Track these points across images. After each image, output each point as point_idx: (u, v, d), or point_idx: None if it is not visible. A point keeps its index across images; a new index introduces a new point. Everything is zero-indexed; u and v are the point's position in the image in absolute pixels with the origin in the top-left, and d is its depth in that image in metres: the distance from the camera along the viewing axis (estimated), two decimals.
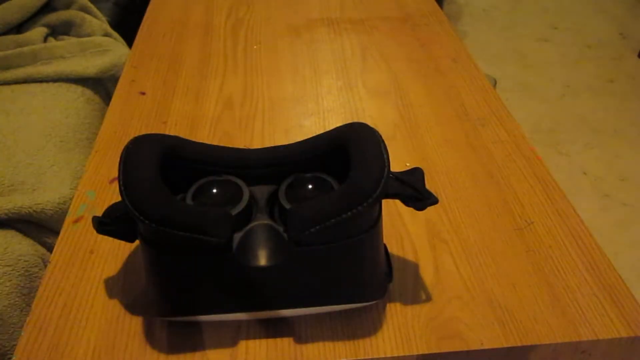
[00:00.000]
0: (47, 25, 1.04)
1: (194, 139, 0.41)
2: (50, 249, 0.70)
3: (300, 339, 0.39)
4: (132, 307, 0.42)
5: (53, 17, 1.05)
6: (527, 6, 2.52)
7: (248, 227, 0.36)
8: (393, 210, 0.51)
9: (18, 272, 0.63)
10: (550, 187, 0.54)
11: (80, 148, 0.85)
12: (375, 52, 0.77)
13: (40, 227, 0.71)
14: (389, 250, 0.45)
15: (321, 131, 0.41)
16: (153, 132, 0.62)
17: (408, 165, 0.56)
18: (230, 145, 0.59)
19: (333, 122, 0.63)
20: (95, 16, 1.10)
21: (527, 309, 0.41)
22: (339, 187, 0.37)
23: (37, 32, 1.01)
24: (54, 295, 0.43)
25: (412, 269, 0.45)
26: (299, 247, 0.35)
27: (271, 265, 0.35)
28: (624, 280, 0.44)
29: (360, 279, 0.38)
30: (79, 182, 0.55)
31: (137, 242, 0.48)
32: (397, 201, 0.51)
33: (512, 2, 2.56)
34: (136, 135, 0.41)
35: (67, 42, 1.00)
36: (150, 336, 0.40)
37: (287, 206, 0.37)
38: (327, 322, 0.40)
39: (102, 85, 1.01)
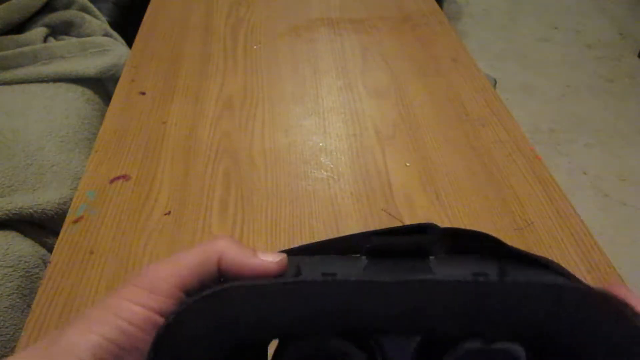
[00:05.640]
0: (47, 25, 1.04)
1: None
2: (50, 249, 0.70)
3: None
4: None
5: (53, 17, 1.05)
6: (527, 6, 2.52)
7: None
8: (393, 211, 0.51)
9: (19, 273, 0.63)
10: (550, 187, 0.54)
11: (80, 148, 0.85)
12: (375, 52, 0.77)
13: (40, 227, 0.71)
14: None
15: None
16: (153, 132, 0.62)
17: (408, 165, 0.56)
18: (231, 146, 0.59)
19: (333, 122, 0.64)
20: (95, 16, 1.10)
21: None
22: None
23: (37, 32, 1.01)
24: (54, 295, 0.43)
25: None
26: None
27: None
28: (624, 280, 0.44)
29: None
30: (79, 182, 0.55)
31: (135, 242, 0.48)
32: (393, 197, 0.51)
33: (512, 2, 2.56)
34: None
35: (67, 42, 1.00)
36: None
37: None
38: None
39: (102, 85, 1.01)
